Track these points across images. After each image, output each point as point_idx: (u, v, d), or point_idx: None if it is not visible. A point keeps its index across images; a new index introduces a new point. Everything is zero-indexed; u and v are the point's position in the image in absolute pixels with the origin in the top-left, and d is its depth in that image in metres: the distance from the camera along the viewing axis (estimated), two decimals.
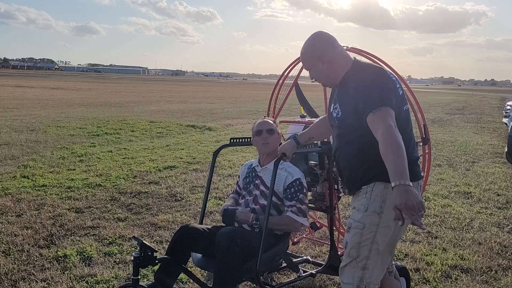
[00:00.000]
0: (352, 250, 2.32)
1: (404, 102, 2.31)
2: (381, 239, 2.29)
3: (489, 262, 3.90)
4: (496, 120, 18.63)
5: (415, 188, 2.26)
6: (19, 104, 18.73)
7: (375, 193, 2.27)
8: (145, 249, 2.49)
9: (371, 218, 2.27)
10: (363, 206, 2.30)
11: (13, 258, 3.66)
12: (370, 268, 2.30)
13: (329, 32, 2.42)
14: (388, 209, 2.22)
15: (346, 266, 2.35)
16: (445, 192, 6.24)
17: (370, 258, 2.29)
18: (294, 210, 2.84)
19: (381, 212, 2.26)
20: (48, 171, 6.75)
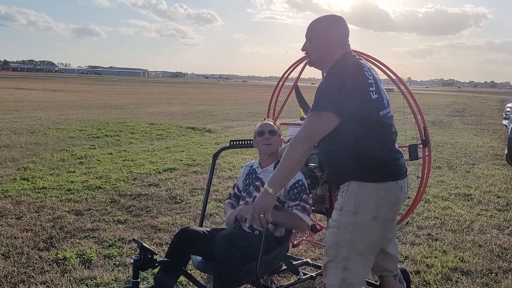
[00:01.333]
0: (329, 249, 2.33)
1: (381, 107, 2.26)
2: (360, 239, 2.26)
3: (490, 265, 3.89)
4: (496, 122, 18.63)
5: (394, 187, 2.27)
6: (19, 106, 18.73)
7: (350, 192, 2.27)
8: (144, 251, 2.49)
9: (346, 217, 2.27)
10: (339, 205, 2.31)
11: (13, 261, 3.65)
12: (351, 269, 2.28)
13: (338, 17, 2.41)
14: (364, 208, 2.24)
15: (328, 268, 2.35)
16: (445, 194, 6.24)
17: (350, 259, 2.27)
18: (299, 208, 2.85)
19: (356, 212, 2.25)
20: (48, 173, 6.74)
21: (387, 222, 2.32)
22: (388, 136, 2.34)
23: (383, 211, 2.26)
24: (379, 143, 2.28)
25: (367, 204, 2.24)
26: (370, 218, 2.24)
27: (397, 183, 2.30)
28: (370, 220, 2.24)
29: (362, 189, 2.25)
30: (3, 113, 15.38)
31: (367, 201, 2.24)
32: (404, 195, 2.36)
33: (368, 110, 2.21)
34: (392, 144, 2.36)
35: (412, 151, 3.17)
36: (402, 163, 2.37)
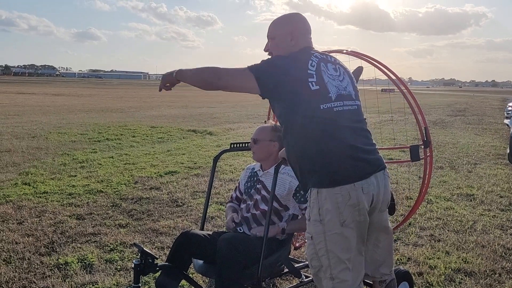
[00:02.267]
0: (313, 261, 2.24)
1: (323, 100, 2.17)
2: (336, 247, 2.16)
3: (493, 265, 3.87)
4: (498, 122, 18.58)
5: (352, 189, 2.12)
6: (21, 111, 18.75)
7: (312, 200, 2.19)
8: (145, 256, 2.48)
9: (315, 227, 2.19)
10: (307, 215, 2.24)
11: (14, 266, 3.64)
12: (340, 277, 2.18)
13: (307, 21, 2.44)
14: (327, 215, 2.14)
15: (319, 279, 2.26)
16: (447, 195, 6.22)
17: (334, 268, 2.18)
18: None
19: (322, 220, 2.15)
20: (49, 177, 6.74)
21: (362, 225, 2.19)
22: (335, 132, 2.17)
23: (350, 215, 2.14)
24: (320, 142, 2.15)
25: (329, 211, 2.13)
26: (338, 224, 2.14)
27: (355, 185, 2.14)
28: (338, 226, 2.13)
29: (320, 196, 2.15)
30: (4, 118, 15.40)
31: (328, 207, 2.13)
32: (369, 196, 2.19)
33: (302, 101, 2.14)
34: (343, 142, 2.17)
35: (414, 152, 3.15)
36: (362, 162, 2.19)
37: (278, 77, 2.15)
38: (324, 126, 2.16)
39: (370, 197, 2.19)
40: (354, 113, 2.27)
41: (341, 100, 2.22)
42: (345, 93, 2.26)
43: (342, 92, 2.25)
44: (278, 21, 2.41)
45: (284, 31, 2.36)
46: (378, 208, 2.28)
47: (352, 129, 2.23)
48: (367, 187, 2.17)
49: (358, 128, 2.26)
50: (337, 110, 2.19)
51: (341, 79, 2.29)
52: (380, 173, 2.25)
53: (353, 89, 2.34)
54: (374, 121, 15.54)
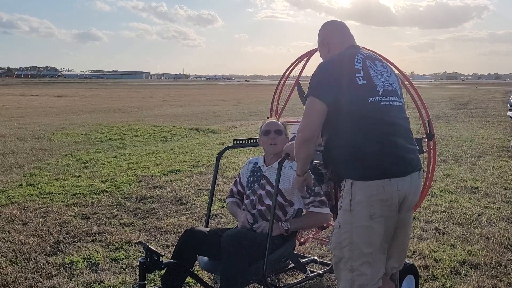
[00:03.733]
0: (335, 250, 2.29)
1: (369, 94, 2.21)
2: (360, 240, 2.18)
3: (498, 257, 3.86)
4: (501, 114, 18.51)
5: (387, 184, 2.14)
6: (24, 112, 18.81)
7: (345, 190, 2.23)
8: (151, 254, 2.49)
9: (344, 216, 2.23)
10: (339, 204, 2.29)
11: (20, 266, 3.66)
12: (359, 269, 2.20)
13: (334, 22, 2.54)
14: (358, 207, 2.17)
15: (338, 269, 2.29)
16: (451, 188, 6.20)
17: (355, 260, 2.20)
18: (315, 204, 2.88)
19: (351, 210, 2.19)
20: (54, 178, 6.76)
21: (390, 221, 2.21)
22: (379, 126, 2.20)
23: (379, 209, 2.16)
24: (366, 134, 2.19)
25: (360, 202, 2.16)
26: (366, 217, 2.16)
27: (391, 180, 2.16)
28: (367, 219, 2.16)
29: (354, 187, 2.19)
30: (8, 120, 15.45)
31: (360, 199, 2.16)
32: (402, 194, 2.20)
33: (351, 95, 2.19)
34: (386, 136, 2.20)
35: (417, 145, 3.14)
36: (402, 160, 2.21)
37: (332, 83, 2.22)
38: (370, 119, 2.20)
39: (402, 195, 2.22)
40: (399, 110, 2.31)
41: (387, 95, 2.27)
42: (391, 89, 2.30)
43: (389, 88, 2.29)
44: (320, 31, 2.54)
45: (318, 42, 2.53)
46: (406, 207, 2.30)
47: (396, 126, 2.26)
48: (402, 184, 2.19)
49: (401, 125, 2.29)
50: (383, 104, 2.23)
51: (388, 75, 2.34)
52: (416, 174, 2.29)
53: (398, 86, 2.40)
54: None
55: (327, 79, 2.22)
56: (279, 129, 3.02)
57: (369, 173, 2.17)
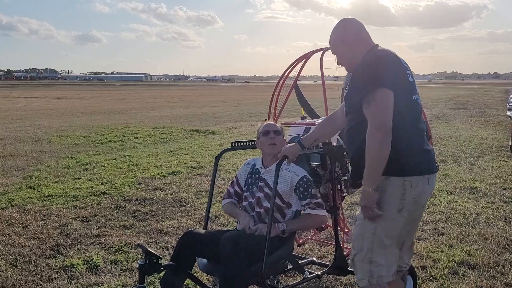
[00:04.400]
0: (356, 242, 2.36)
1: (413, 91, 2.29)
2: (383, 231, 2.27)
3: (496, 257, 3.88)
4: (500, 114, 18.52)
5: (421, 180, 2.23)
6: (23, 115, 18.83)
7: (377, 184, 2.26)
8: (150, 256, 2.51)
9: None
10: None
11: (21, 269, 3.68)
12: (377, 261, 2.29)
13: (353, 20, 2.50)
14: (388, 200, 2.24)
15: (356, 261, 2.37)
16: (450, 188, 6.22)
17: (374, 251, 2.29)
18: (311, 206, 2.88)
19: (380, 203, 2.25)
20: (54, 181, 6.78)
21: (412, 215, 2.32)
22: (420, 124, 2.31)
23: (408, 204, 2.26)
24: (410, 131, 2.25)
25: (392, 196, 2.24)
26: (395, 210, 2.25)
27: (425, 177, 2.28)
28: (395, 212, 2.25)
29: (387, 182, 2.23)
30: (7, 122, 15.47)
31: (392, 193, 2.23)
32: (431, 188, 2.36)
33: (404, 91, 2.21)
34: (422, 133, 2.32)
35: None
36: (433, 158, 2.34)
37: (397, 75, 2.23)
38: (413, 116, 2.26)
39: (431, 189, 2.36)
40: (421, 107, 2.39)
41: (418, 94, 2.35)
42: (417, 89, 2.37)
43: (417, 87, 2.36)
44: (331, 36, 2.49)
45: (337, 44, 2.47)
46: (425, 203, 2.43)
47: (424, 124, 2.37)
48: (432, 180, 2.32)
49: (424, 123, 2.40)
50: (419, 103, 2.33)
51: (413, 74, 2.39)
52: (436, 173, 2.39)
53: None
54: None
55: (393, 70, 2.22)
56: (278, 129, 3.04)
57: (408, 169, 2.23)
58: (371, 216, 2.26)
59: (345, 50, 2.44)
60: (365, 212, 2.27)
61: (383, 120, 2.12)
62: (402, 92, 2.20)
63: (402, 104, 2.19)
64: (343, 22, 2.47)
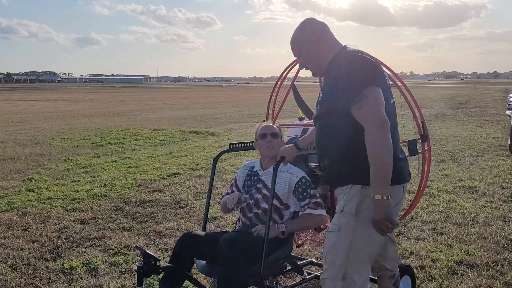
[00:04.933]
0: (328, 255, 2.15)
1: (390, 95, 2.17)
2: (360, 245, 2.10)
3: (495, 257, 3.88)
4: (500, 113, 18.52)
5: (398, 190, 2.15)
6: (23, 118, 18.84)
7: (352, 194, 2.13)
8: (148, 258, 2.51)
9: (347, 219, 2.12)
10: (340, 207, 2.17)
11: (20, 272, 3.68)
12: (352, 278, 2.10)
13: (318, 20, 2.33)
14: (366, 211, 2.08)
15: (326, 279, 2.16)
16: (449, 188, 6.23)
17: (349, 266, 2.10)
18: (311, 206, 2.88)
19: (357, 214, 2.10)
20: (53, 183, 6.79)
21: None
22: (395, 130, 2.17)
23: None
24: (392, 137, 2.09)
25: (369, 206, 2.07)
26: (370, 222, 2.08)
27: (402, 186, 2.18)
28: (370, 225, 2.08)
29: (365, 191, 2.10)
30: (7, 125, 15.48)
31: (369, 202, 2.07)
32: (405, 197, 2.28)
33: (385, 94, 2.08)
34: (397, 140, 2.20)
35: (411, 146, 3.17)
36: (408, 165, 2.24)
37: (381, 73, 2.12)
38: (390, 122, 2.09)
39: (404, 200, 2.29)
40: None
41: (392, 97, 2.22)
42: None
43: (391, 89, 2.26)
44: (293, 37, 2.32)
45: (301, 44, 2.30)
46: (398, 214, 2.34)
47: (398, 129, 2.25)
48: (406, 188, 2.23)
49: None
50: (394, 106, 2.20)
51: None
52: None
53: None
54: None
55: (378, 69, 2.10)
56: (275, 132, 3.04)
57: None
58: (389, 230, 2.03)
59: (312, 50, 2.25)
60: (381, 225, 2.00)
61: (382, 116, 1.98)
62: (385, 95, 2.08)
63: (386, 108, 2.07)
64: (308, 21, 2.30)
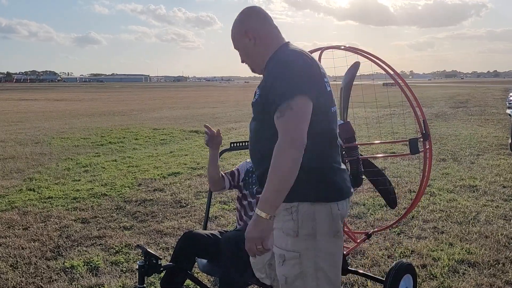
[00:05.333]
0: (297, 281, 1.92)
1: (332, 103, 1.95)
2: (327, 263, 1.92)
3: (497, 255, 3.88)
4: (500, 112, 18.52)
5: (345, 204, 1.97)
6: (23, 117, 18.84)
7: (303, 213, 1.89)
8: (149, 257, 2.51)
9: (306, 242, 1.90)
10: (292, 231, 1.90)
11: (21, 271, 3.68)
12: None
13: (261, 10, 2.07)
14: (322, 228, 1.90)
15: None
16: (450, 187, 6.22)
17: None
18: None
19: (314, 234, 1.89)
20: (54, 183, 6.79)
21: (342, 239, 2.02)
22: (336, 141, 1.99)
23: (340, 226, 1.96)
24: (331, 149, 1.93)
25: (324, 223, 1.90)
26: (331, 235, 1.93)
27: (346, 200, 2.00)
28: (331, 237, 1.92)
29: (316, 208, 1.89)
30: (7, 125, 15.48)
31: (324, 218, 1.90)
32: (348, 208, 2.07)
33: (324, 101, 1.88)
34: (339, 153, 2.01)
35: (412, 145, 3.16)
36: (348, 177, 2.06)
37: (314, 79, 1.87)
38: (333, 132, 1.94)
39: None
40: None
41: (335, 105, 2.01)
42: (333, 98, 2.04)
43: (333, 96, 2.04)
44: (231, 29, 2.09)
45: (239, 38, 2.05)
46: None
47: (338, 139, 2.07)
48: (349, 200, 2.05)
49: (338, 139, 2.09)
50: (335, 115, 2.00)
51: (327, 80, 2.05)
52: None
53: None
54: (375, 116, 15.55)
55: (309, 72, 1.84)
56: None
57: (332, 193, 1.93)
58: (258, 252, 1.86)
59: (247, 45, 2.01)
60: (252, 244, 1.84)
61: (299, 134, 1.74)
62: (322, 103, 1.87)
63: (322, 117, 1.87)
64: (247, 10, 2.04)
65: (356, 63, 3.36)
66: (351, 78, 3.36)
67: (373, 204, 5.36)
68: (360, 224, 4.77)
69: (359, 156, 3.16)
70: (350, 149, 3.11)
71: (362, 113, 12.38)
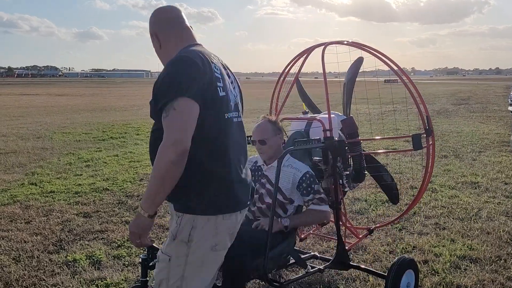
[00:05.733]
0: (161, 285, 1.93)
1: (227, 108, 1.90)
2: (192, 274, 1.89)
3: (498, 251, 3.89)
4: (502, 109, 18.49)
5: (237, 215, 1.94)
6: (25, 112, 18.85)
7: (186, 219, 1.88)
8: (152, 250, 2.51)
9: (179, 248, 1.89)
10: (172, 234, 1.91)
11: (24, 265, 3.69)
12: None
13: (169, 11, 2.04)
14: (199, 237, 1.87)
15: None
16: (452, 183, 6.22)
17: None
18: (315, 202, 2.88)
19: (190, 241, 1.87)
20: (56, 177, 6.80)
21: (224, 252, 2.00)
22: (233, 149, 1.92)
23: (223, 239, 1.94)
24: (221, 157, 1.87)
25: (204, 233, 1.87)
26: (208, 248, 1.90)
27: (241, 212, 1.96)
28: (207, 250, 1.89)
29: (200, 217, 1.87)
30: (9, 120, 15.49)
31: (203, 228, 1.87)
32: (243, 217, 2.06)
33: (213, 107, 1.83)
34: (238, 160, 1.96)
35: (416, 141, 3.16)
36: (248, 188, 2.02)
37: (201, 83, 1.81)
38: (226, 139, 1.89)
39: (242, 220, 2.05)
40: (243, 128, 2.05)
41: (236, 110, 1.98)
42: (237, 103, 2.02)
43: (237, 101, 2.02)
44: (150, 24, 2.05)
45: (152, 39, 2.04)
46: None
47: (243, 147, 2.03)
48: (244, 211, 2.01)
49: (245, 148, 2.07)
50: (235, 121, 1.96)
51: (233, 86, 2.03)
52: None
53: (240, 100, 2.09)
54: (377, 112, 15.54)
55: (194, 74, 1.79)
56: (263, 138, 2.95)
57: (220, 205, 1.89)
58: (138, 245, 1.90)
59: (156, 46, 2.03)
60: (131, 237, 1.88)
61: (181, 136, 1.70)
62: (210, 109, 1.82)
63: (209, 124, 1.82)
64: (156, 13, 2.03)
65: (359, 59, 3.35)
66: (354, 73, 3.36)
67: (375, 200, 5.36)
68: (362, 220, 4.78)
69: (362, 151, 3.16)
70: (352, 145, 3.11)
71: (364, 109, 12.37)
